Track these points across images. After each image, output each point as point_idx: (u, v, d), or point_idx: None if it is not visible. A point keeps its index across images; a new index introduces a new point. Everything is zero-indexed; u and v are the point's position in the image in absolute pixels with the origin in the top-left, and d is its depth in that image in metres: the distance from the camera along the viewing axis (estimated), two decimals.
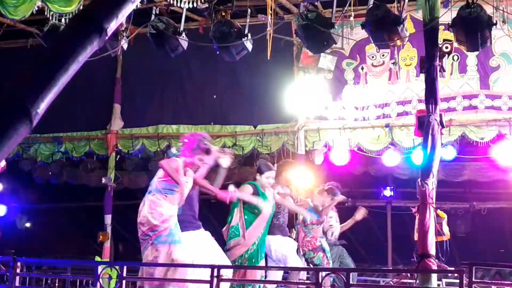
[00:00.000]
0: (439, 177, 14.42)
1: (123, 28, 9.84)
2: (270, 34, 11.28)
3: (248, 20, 9.63)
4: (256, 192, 9.20)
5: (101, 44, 4.26)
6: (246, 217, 9.09)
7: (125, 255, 16.43)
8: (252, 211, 9.04)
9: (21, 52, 14.68)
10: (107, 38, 4.19)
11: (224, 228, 9.28)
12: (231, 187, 8.78)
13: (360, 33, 12.21)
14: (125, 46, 10.18)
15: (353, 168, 14.66)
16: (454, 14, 8.90)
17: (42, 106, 3.58)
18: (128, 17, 10.01)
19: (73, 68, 3.79)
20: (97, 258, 13.81)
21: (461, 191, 15.98)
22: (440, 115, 8.51)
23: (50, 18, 11.24)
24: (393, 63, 13.22)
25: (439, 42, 9.70)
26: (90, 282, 10.25)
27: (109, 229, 14.50)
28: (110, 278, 9.24)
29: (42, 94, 3.57)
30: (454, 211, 15.47)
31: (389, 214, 15.71)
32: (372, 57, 13.48)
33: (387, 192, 15.63)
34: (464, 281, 7.69)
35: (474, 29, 8.41)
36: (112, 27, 4.07)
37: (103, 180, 14.58)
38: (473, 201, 15.53)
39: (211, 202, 11.59)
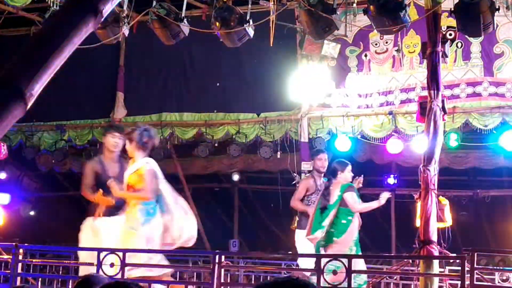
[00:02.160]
0: (443, 164, 14.53)
1: (124, 15, 9.79)
2: (272, 21, 11.24)
3: (249, 6, 9.58)
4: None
5: (97, 25, 4.24)
6: (344, 221, 9.72)
7: None
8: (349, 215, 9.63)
9: (24, 40, 14.63)
10: (102, 19, 4.17)
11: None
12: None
13: (363, 20, 12.14)
14: (126, 33, 10.10)
15: (357, 155, 14.60)
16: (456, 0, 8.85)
17: (37, 88, 3.56)
18: (130, 2, 10.00)
19: (68, 50, 3.77)
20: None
21: (465, 178, 15.95)
22: (443, 101, 8.48)
23: (51, 4, 11.20)
24: (397, 50, 13.16)
25: (443, 29, 9.67)
26: None
27: None
28: (112, 265, 9.20)
29: (36, 76, 3.55)
30: (458, 198, 15.43)
31: (393, 202, 15.66)
32: (376, 44, 13.43)
33: (391, 180, 15.57)
34: (467, 268, 7.68)
35: (476, 15, 8.36)
36: (107, 8, 4.04)
37: None
38: (477, 189, 15.50)
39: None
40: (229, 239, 16.45)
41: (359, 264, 9.38)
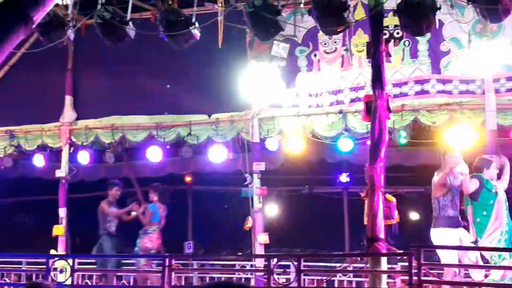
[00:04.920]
0: (394, 161, 14.71)
1: (69, 18, 9.69)
2: (220, 22, 11.25)
3: (195, 8, 9.56)
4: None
5: (28, 32, 4.21)
6: (485, 212, 9.62)
7: (82, 248, 16.28)
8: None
9: None
10: (34, 26, 4.14)
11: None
12: None
13: (312, 21, 12.18)
14: (71, 37, 10.02)
15: (309, 155, 14.69)
16: None
17: None
18: (75, 6, 9.92)
19: None
20: (53, 252, 13.70)
21: (415, 175, 16.11)
22: (387, 100, 8.59)
23: None
24: (345, 50, 13.27)
25: (391, 28, 9.80)
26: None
27: (64, 222, 14.38)
28: (61, 271, 9.16)
29: None
30: (409, 195, 15.61)
31: (346, 200, 15.80)
32: (325, 44, 13.51)
33: (343, 178, 15.73)
34: (413, 263, 7.79)
35: (418, 14, 8.46)
36: (39, 16, 4.01)
37: (57, 173, 14.45)
38: (427, 185, 15.64)
39: None
40: (183, 241, 16.41)
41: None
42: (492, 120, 12.36)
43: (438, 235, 10.09)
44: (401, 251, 8.53)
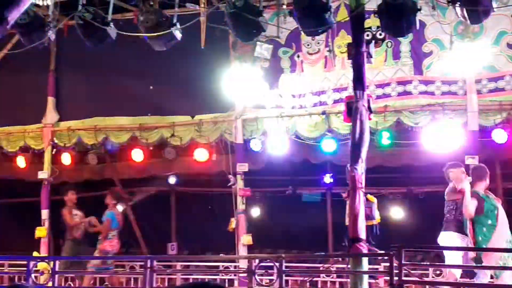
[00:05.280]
0: (377, 162, 14.74)
1: (49, 19, 9.65)
2: (203, 23, 11.25)
3: (176, 9, 9.55)
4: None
5: (4, 33, 4.18)
6: (490, 221, 9.30)
7: None
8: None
9: None
10: (8, 26, 4.11)
11: None
12: None
13: (295, 22, 12.21)
14: (52, 37, 9.97)
15: (292, 156, 14.70)
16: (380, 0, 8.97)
17: None
18: (56, 7, 9.88)
19: None
20: (35, 254, 13.64)
21: (399, 176, 16.16)
22: (368, 101, 8.60)
23: None
24: (328, 51, 13.29)
25: (374, 29, 9.80)
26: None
27: (46, 224, 14.32)
28: (42, 273, 9.12)
29: None
30: (392, 196, 15.65)
31: (329, 200, 15.82)
32: (308, 45, 13.54)
33: (327, 179, 15.73)
34: (395, 264, 7.80)
35: (398, 15, 8.48)
36: (14, 16, 3.99)
37: (39, 175, 14.39)
38: (411, 186, 15.73)
39: None
40: (167, 243, 16.39)
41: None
42: (474, 121, 12.44)
43: (447, 239, 9.84)
44: (382, 252, 8.53)
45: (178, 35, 9.51)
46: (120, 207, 12.86)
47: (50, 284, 8.44)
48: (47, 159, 14.66)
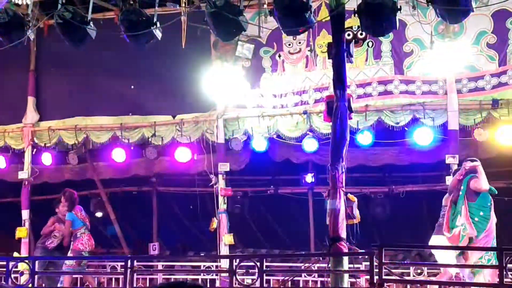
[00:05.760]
0: (359, 162, 14.78)
1: (29, 18, 9.59)
2: (184, 23, 11.22)
3: (156, 8, 9.52)
4: None
5: None
6: (482, 213, 9.22)
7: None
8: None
9: None
10: None
11: (457, 230, 9.28)
12: None
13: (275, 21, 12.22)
14: (32, 37, 9.91)
15: (274, 155, 14.71)
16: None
17: None
18: (35, 6, 9.82)
19: None
20: (16, 254, 13.55)
21: (380, 175, 16.21)
22: (349, 100, 8.63)
23: None
24: (310, 50, 13.32)
25: (355, 29, 9.82)
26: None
27: (27, 225, 14.23)
28: (21, 274, 9.07)
29: None
30: (374, 195, 15.68)
31: (311, 200, 15.82)
32: (289, 44, 13.55)
33: (309, 178, 15.71)
34: (375, 263, 7.82)
35: (378, 15, 8.50)
36: None
37: (20, 175, 14.30)
38: (392, 185, 15.77)
39: None
40: (149, 243, 16.33)
41: None
42: (454, 120, 12.52)
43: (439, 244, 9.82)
44: (362, 251, 8.55)
45: (158, 34, 9.48)
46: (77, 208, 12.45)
47: (30, 285, 8.39)
48: (27, 159, 14.58)
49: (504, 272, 7.65)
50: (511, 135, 12.27)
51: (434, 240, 9.95)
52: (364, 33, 9.61)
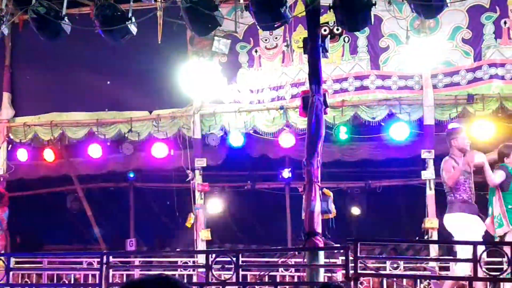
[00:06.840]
0: (335, 157, 14.85)
1: (3, 13, 9.51)
2: (160, 18, 11.18)
3: (131, 3, 9.47)
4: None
5: None
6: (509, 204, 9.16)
7: (22, 247, 16.03)
8: None
9: None
10: None
11: (488, 220, 9.30)
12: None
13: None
14: (5, 32, 9.83)
15: (251, 151, 14.73)
16: None
17: None
18: (9, 1, 9.75)
19: None
20: None
21: (357, 170, 16.28)
22: (324, 95, 8.64)
23: None
24: (286, 46, 13.33)
25: (331, 24, 9.85)
26: None
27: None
28: None
29: None
30: (350, 190, 15.77)
31: (288, 195, 15.87)
32: (265, 40, 13.55)
33: (286, 174, 15.76)
34: (350, 257, 7.86)
35: (353, 9, 8.53)
36: None
37: None
38: (369, 180, 15.85)
39: None
40: (126, 239, 16.30)
41: None
42: (430, 115, 12.59)
43: (453, 222, 9.50)
44: (337, 245, 8.58)
45: (134, 29, 9.43)
46: None
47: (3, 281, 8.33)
48: (2, 155, 14.46)
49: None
50: (486, 130, 12.36)
51: (449, 218, 9.61)
52: (340, 29, 9.66)
